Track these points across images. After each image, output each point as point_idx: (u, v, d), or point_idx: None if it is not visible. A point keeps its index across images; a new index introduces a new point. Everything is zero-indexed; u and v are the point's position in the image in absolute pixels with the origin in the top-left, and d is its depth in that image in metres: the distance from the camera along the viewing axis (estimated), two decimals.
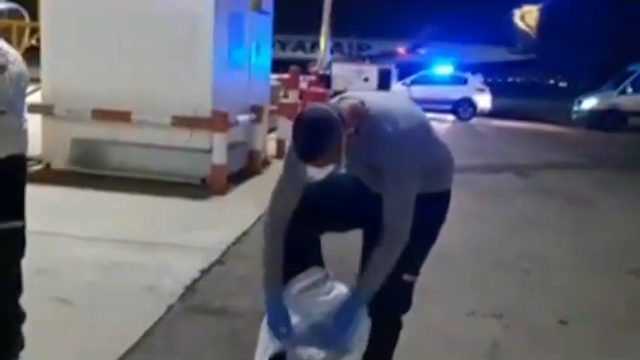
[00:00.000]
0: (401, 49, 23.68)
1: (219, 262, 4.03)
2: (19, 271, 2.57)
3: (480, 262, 4.54)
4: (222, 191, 5.92)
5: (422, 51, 25.46)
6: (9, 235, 2.45)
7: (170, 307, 3.26)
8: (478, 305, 3.63)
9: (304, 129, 1.93)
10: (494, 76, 21.06)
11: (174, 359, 2.76)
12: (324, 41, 19.73)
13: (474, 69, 22.08)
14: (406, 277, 2.22)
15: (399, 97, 2.39)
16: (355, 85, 16.54)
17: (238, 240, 4.40)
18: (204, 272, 3.82)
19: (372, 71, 18.51)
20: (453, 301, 3.68)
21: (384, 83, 18.25)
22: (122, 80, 6.02)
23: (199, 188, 5.96)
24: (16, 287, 2.58)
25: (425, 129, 2.17)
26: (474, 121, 18.67)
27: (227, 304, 3.36)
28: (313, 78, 15.39)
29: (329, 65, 19.46)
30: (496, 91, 20.65)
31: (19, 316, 2.62)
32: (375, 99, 2.11)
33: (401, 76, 20.44)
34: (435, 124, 2.41)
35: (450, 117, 18.87)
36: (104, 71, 6.06)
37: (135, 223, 4.73)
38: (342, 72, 18.30)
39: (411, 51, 24.71)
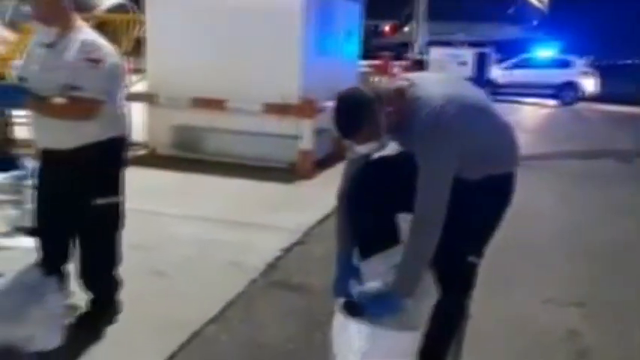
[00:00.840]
0: (387, 28, 22.49)
1: (300, 242, 4.24)
2: (117, 242, 2.90)
3: (566, 249, 4.42)
4: (308, 176, 6.13)
5: (405, 29, 24.29)
6: (109, 209, 2.78)
7: (252, 282, 3.51)
8: (557, 293, 3.57)
9: (336, 109, 2.06)
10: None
11: (253, 328, 2.97)
12: (418, 25, 19.42)
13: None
14: (471, 258, 2.27)
15: (455, 79, 2.40)
16: (450, 69, 16.14)
17: (320, 222, 4.58)
18: (286, 251, 4.04)
19: (469, 55, 17.95)
20: (531, 288, 3.64)
21: (481, 67, 17.64)
22: (218, 70, 6.36)
23: (287, 173, 6.22)
24: (115, 256, 2.91)
25: (479, 113, 2.17)
26: (579, 105, 17.63)
27: (305, 282, 3.55)
28: (407, 63, 15.27)
29: (425, 50, 19.12)
30: (607, 73, 19.27)
31: (116, 284, 2.95)
32: (425, 81, 2.17)
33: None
34: (534, 110, 2.40)
35: (552, 102, 17.96)
36: (202, 62, 6.43)
37: (227, 204, 5.06)
38: (439, 56, 17.89)
39: (396, 30, 23.43)
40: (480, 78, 17.02)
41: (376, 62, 11.83)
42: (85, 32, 2.71)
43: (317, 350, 2.74)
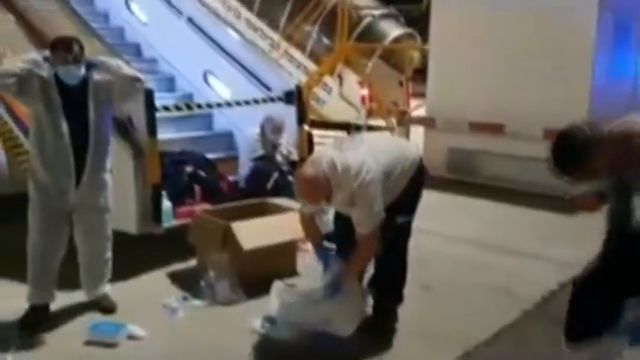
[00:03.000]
0: None
1: None
2: (407, 257, 3.16)
3: None
4: (590, 207, 5.64)
5: None
6: (406, 226, 3.07)
7: (526, 312, 3.45)
8: None
9: (554, 145, 2.12)
10: None
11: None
12: None
13: None
14: None
15: None
16: None
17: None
18: (562, 285, 3.85)
19: None
20: None
21: None
22: (497, 94, 6.37)
23: (566, 203, 5.85)
24: (404, 269, 3.17)
25: None
26: None
27: None
28: None
29: None
30: None
31: (401, 295, 3.21)
32: None
33: None
34: None
35: None
36: (481, 86, 6.51)
37: (498, 230, 5.04)
38: None
39: None
40: None
41: None
42: (340, 184, 2.83)
43: None
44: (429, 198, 5.93)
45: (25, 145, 4.10)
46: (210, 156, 4.87)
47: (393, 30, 10.82)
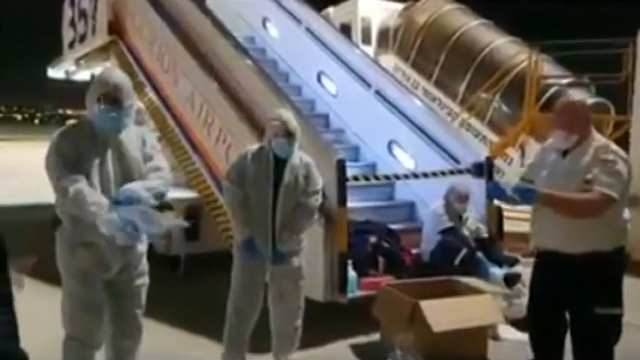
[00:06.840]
0: None
1: None
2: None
3: None
4: None
5: None
6: (608, 320, 2.71)
7: None
8: None
9: None
10: None
11: None
12: None
13: None
14: None
15: None
16: None
17: None
18: None
19: None
20: None
21: None
22: None
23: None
24: None
25: None
26: None
27: None
28: None
29: None
30: None
31: None
32: None
33: None
34: None
35: None
36: None
37: None
38: None
39: None
40: None
41: None
42: (599, 139, 2.83)
43: None
44: (631, 287, 5.27)
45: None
46: (391, 226, 4.80)
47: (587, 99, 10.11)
